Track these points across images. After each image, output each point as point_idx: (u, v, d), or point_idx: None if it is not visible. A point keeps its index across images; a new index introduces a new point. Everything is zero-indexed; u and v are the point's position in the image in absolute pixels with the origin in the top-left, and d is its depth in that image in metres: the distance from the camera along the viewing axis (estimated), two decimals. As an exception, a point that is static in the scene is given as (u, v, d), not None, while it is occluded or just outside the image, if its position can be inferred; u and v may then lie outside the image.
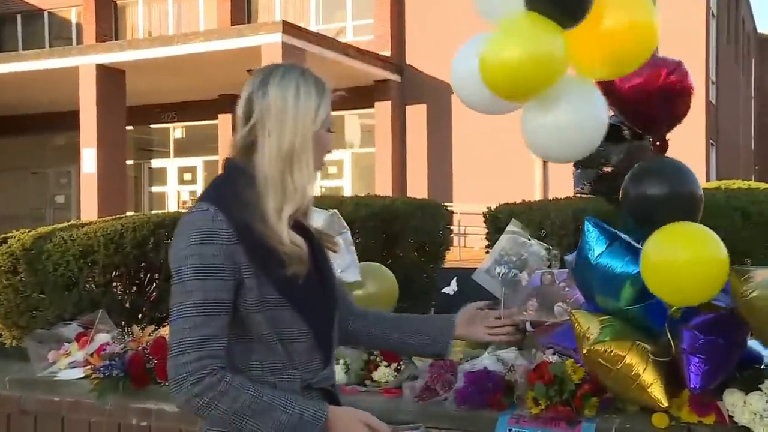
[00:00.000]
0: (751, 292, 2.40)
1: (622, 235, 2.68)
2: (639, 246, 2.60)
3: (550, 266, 3.71)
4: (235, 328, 1.73)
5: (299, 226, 1.81)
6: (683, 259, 2.39)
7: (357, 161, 20.88)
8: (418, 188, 18.74)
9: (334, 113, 1.86)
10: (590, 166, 2.82)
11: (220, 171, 1.87)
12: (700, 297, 2.48)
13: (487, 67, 2.34)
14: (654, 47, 2.45)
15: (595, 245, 2.65)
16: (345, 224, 3.39)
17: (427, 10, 19.68)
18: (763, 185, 7.86)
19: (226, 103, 20.48)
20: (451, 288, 3.96)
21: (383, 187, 18.61)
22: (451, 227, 5.98)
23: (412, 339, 2.12)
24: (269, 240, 1.72)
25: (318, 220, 3.31)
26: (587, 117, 2.47)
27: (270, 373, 1.76)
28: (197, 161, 22.76)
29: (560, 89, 2.41)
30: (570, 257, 2.99)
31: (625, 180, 2.71)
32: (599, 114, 2.49)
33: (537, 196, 10.15)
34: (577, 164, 3.17)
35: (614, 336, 2.56)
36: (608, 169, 2.95)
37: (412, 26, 20.00)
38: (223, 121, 20.85)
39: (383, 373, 3.17)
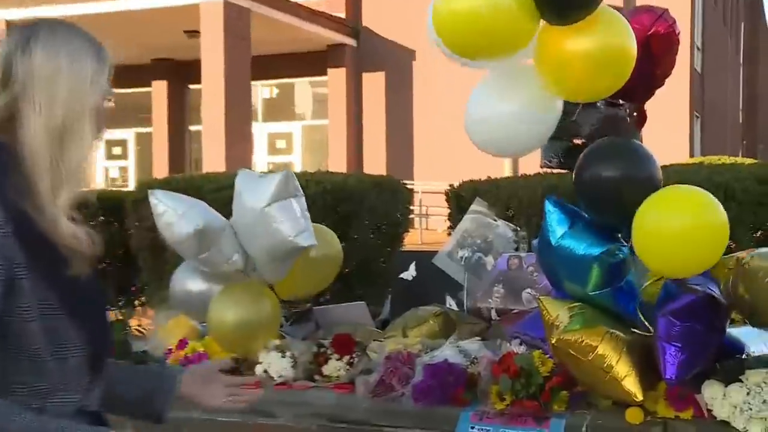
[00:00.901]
0: (749, 258, 2.46)
1: (585, 214, 2.71)
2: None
3: (517, 249, 3.76)
4: None
5: (74, 220, 1.66)
6: (681, 225, 2.45)
7: (308, 134, 20.76)
8: (375, 164, 18.70)
9: (282, 81, 1.82)
10: (560, 137, 2.84)
11: None
12: (697, 267, 2.54)
13: (438, 18, 2.36)
14: (629, 73, 2.52)
15: (557, 226, 2.68)
16: (299, 186, 3.38)
17: (386, -35, 19.60)
18: (749, 161, 8.03)
19: (160, 68, 20.10)
20: (410, 273, 3.98)
21: (337, 163, 18.55)
22: (412, 207, 6.00)
23: (127, 393, 1.92)
24: (46, 232, 1.57)
25: (270, 182, 3.30)
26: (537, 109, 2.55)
27: (37, 397, 1.60)
28: (128, 134, 22.37)
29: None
30: (537, 241, 3.03)
31: (578, 161, 2.75)
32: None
33: (506, 172, 10.22)
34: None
35: (585, 324, 2.60)
36: (579, 142, 2.98)
37: (370, -16, 19.89)
38: (158, 88, 20.56)
39: (334, 366, 3.18)
